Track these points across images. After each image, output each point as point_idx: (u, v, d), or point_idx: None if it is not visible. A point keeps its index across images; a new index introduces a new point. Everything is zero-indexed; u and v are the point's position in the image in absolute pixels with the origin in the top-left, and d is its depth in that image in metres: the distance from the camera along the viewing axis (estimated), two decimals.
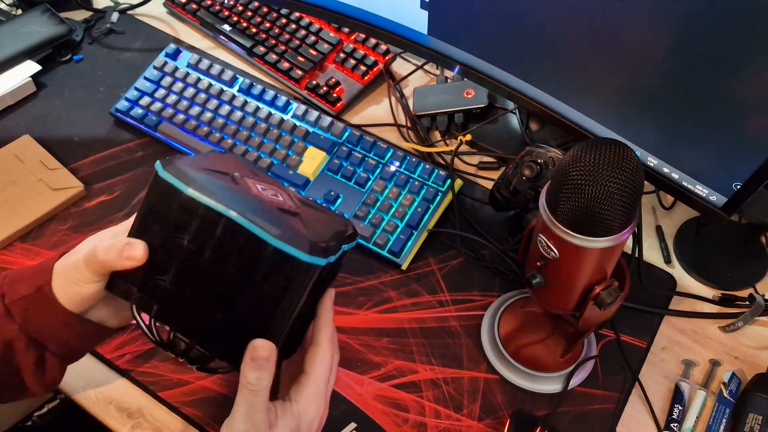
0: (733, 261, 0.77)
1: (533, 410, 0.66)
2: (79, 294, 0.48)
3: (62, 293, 0.48)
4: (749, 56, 0.51)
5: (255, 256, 0.43)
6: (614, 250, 0.51)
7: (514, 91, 0.72)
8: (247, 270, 0.44)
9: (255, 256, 0.43)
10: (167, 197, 0.45)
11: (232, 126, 0.86)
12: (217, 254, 0.44)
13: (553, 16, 0.62)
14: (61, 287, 0.48)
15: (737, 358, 0.70)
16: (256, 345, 0.44)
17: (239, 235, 0.43)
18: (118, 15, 1.00)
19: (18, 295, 0.49)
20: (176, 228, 0.45)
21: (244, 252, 0.44)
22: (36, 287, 0.48)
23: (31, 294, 0.48)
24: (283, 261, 0.43)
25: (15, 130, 0.88)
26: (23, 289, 0.49)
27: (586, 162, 0.46)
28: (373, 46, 0.94)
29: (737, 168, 0.59)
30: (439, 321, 0.72)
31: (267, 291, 0.44)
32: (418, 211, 0.77)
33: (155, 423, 0.66)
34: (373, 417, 0.66)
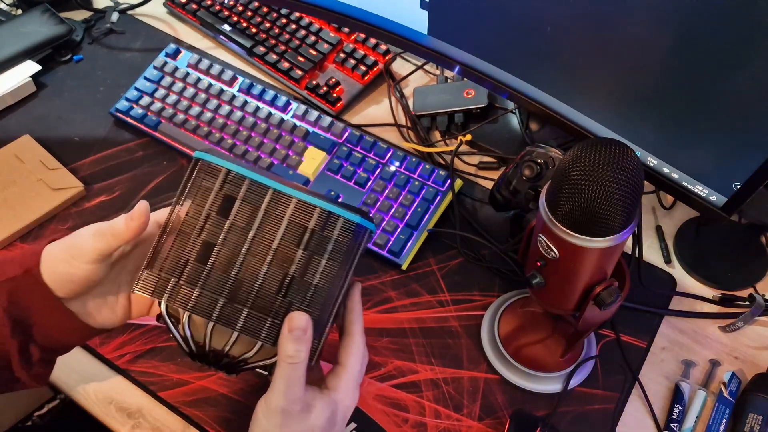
0: (733, 261, 0.77)
1: (533, 410, 0.66)
2: (69, 274, 0.47)
3: (50, 274, 0.48)
4: (749, 56, 0.51)
5: (303, 223, 0.45)
6: (614, 250, 0.51)
7: (514, 91, 0.72)
8: (297, 240, 0.45)
9: (303, 223, 0.45)
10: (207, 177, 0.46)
11: (232, 126, 0.86)
12: (265, 227, 0.45)
13: (553, 16, 0.62)
14: (49, 268, 0.48)
15: (737, 358, 0.70)
16: (293, 316, 0.44)
17: (289, 206, 0.45)
18: (118, 15, 1.00)
19: (4, 276, 0.48)
20: (220, 207, 0.45)
21: (294, 222, 0.45)
22: (24, 269, 0.48)
23: (18, 276, 0.48)
24: (335, 225, 0.45)
25: (15, 130, 0.88)
26: (10, 270, 0.48)
27: (586, 162, 0.46)
28: (373, 46, 0.94)
29: (737, 168, 0.59)
30: (439, 321, 0.72)
31: (317, 260, 0.45)
32: (418, 211, 0.77)
33: (155, 423, 0.66)
34: (373, 417, 0.66)
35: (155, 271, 0.46)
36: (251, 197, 0.46)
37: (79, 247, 0.47)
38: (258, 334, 0.45)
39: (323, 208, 0.45)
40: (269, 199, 0.45)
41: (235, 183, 0.46)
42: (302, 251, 0.45)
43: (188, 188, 0.47)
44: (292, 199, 0.45)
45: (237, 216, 0.46)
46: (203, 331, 0.47)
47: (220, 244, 0.46)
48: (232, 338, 0.46)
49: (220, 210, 0.46)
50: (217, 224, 0.46)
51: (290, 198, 0.45)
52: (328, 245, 0.45)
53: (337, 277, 0.46)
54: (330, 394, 0.47)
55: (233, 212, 0.46)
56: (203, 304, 0.46)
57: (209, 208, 0.46)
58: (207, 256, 0.46)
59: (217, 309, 0.45)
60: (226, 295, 0.45)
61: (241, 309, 0.45)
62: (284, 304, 0.45)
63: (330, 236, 0.45)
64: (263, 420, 0.45)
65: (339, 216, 0.45)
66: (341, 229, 0.45)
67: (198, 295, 0.46)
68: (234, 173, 0.46)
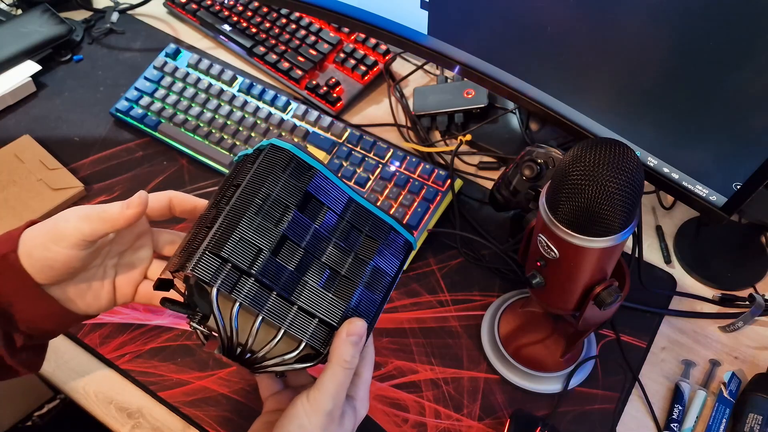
0: (733, 261, 0.77)
1: (533, 410, 0.66)
2: (48, 259, 0.46)
3: (27, 259, 0.46)
4: (749, 56, 0.51)
5: (378, 240, 0.47)
6: (614, 250, 0.51)
7: (514, 91, 0.72)
8: (369, 254, 0.47)
9: (378, 240, 0.47)
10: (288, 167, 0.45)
11: (232, 126, 0.86)
12: (333, 230, 0.46)
13: (553, 16, 0.62)
14: (27, 253, 0.46)
15: (737, 358, 0.70)
16: (354, 321, 0.44)
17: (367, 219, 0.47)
18: (118, 15, 1.00)
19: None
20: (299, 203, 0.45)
21: (369, 236, 0.47)
22: (1, 254, 0.46)
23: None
24: (393, 240, 0.48)
25: (15, 130, 0.88)
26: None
27: (586, 162, 0.46)
28: (373, 46, 0.94)
29: (737, 168, 0.59)
30: (439, 321, 0.72)
31: (370, 270, 0.46)
32: (418, 211, 0.77)
33: (155, 423, 0.66)
34: (373, 417, 0.66)
35: (218, 255, 0.42)
36: (328, 198, 0.46)
37: (60, 232, 0.45)
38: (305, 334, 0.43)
39: (394, 226, 0.48)
40: (352, 211, 0.47)
41: (320, 185, 0.46)
42: (372, 267, 0.47)
43: (264, 177, 0.44)
44: (371, 215, 0.47)
45: (311, 216, 0.45)
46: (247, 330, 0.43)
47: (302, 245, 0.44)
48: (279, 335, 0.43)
49: (300, 206, 0.45)
50: (301, 224, 0.45)
51: (369, 212, 0.47)
52: (391, 262, 0.48)
53: (388, 292, 0.48)
54: (353, 403, 0.47)
55: (307, 209, 0.45)
56: (256, 294, 0.42)
57: (288, 201, 0.44)
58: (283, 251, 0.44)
59: (269, 302, 0.43)
60: (281, 288, 0.43)
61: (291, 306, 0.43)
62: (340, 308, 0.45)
63: (395, 254, 0.48)
64: (304, 418, 0.44)
65: (400, 233, 0.48)
66: (402, 247, 0.49)
67: (252, 285, 0.42)
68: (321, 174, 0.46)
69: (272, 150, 0.45)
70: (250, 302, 0.42)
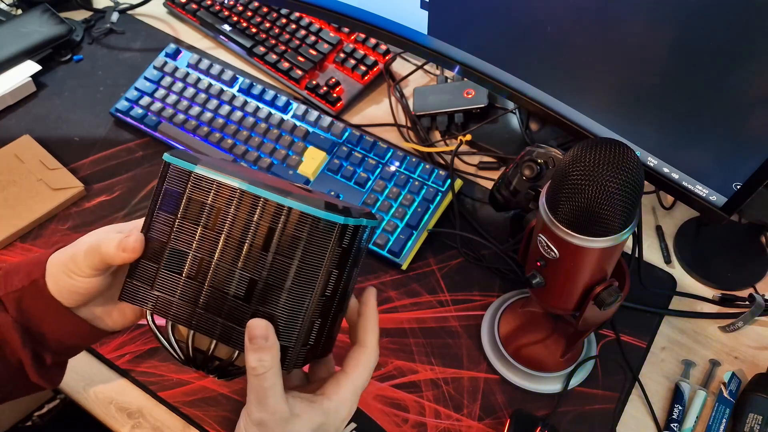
0: (733, 261, 0.77)
1: (533, 410, 0.66)
2: (71, 286, 0.47)
3: (54, 285, 0.48)
4: (749, 56, 0.51)
5: (273, 225, 0.42)
6: (614, 250, 0.51)
7: (514, 91, 0.72)
8: (266, 243, 0.43)
9: (273, 225, 0.42)
10: (176, 181, 0.44)
11: (232, 126, 0.86)
12: (234, 231, 0.43)
13: (553, 16, 0.62)
14: (52, 279, 0.48)
15: (737, 358, 0.70)
16: (251, 324, 0.41)
17: (255, 206, 0.43)
18: (118, 15, 1.00)
19: (12, 287, 0.49)
20: (187, 213, 0.44)
21: (261, 223, 0.43)
22: (31, 280, 0.48)
23: (26, 286, 0.48)
24: (302, 223, 0.42)
25: (15, 130, 0.88)
26: (17, 281, 0.49)
27: (586, 162, 0.46)
28: (373, 46, 0.94)
29: (737, 168, 0.59)
30: (439, 321, 0.72)
31: (288, 262, 0.42)
32: (418, 211, 0.77)
33: (155, 423, 0.66)
34: (373, 417, 0.66)
35: (137, 280, 0.45)
36: (219, 199, 0.43)
37: (75, 262, 0.46)
38: (234, 343, 0.43)
39: (291, 206, 0.42)
40: (237, 201, 0.43)
41: (202, 187, 0.44)
42: (272, 254, 0.43)
43: (158, 194, 0.45)
44: (260, 199, 0.43)
45: (207, 221, 0.43)
46: (187, 333, 0.45)
47: (192, 252, 0.44)
48: (213, 342, 0.45)
49: (188, 216, 0.44)
50: (189, 231, 0.44)
51: (258, 198, 0.43)
52: (297, 245, 0.42)
53: (310, 278, 0.43)
54: (322, 403, 0.44)
55: (203, 217, 0.43)
56: (182, 312, 0.44)
57: (179, 214, 0.44)
58: (180, 264, 0.44)
59: (195, 318, 0.44)
60: (203, 304, 0.43)
61: (216, 317, 0.43)
62: (250, 311, 0.43)
63: (299, 235, 0.42)
64: (242, 429, 0.44)
65: (308, 215, 0.42)
66: (308, 226, 0.42)
67: (176, 303, 0.44)
68: (199, 175, 0.44)
69: (163, 166, 0.45)
70: (179, 320, 0.44)
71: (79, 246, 0.47)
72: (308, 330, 0.44)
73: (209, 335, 0.44)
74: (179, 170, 0.44)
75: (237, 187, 0.43)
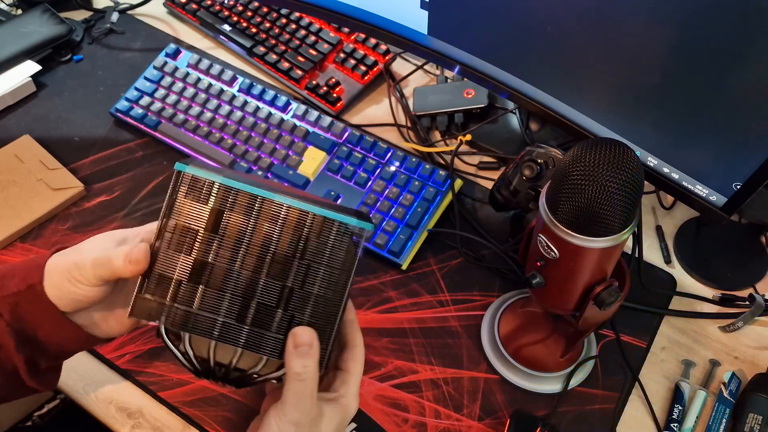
0: (733, 261, 0.77)
1: (533, 410, 0.66)
2: (73, 294, 0.47)
3: (55, 291, 0.47)
4: (749, 56, 0.51)
5: (299, 232, 0.44)
6: (614, 250, 0.51)
7: (514, 91, 0.72)
8: (292, 249, 0.44)
9: (299, 232, 0.44)
10: (192, 192, 0.44)
11: (232, 126, 0.86)
12: (258, 239, 0.44)
13: (553, 16, 0.62)
14: (53, 284, 0.47)
15: (737, 358, 0.70)
16: (297, 332, 0.44)
17: (281, 214, 0.44)
18: (118, 15, 1.00)
19: (8, 291, 0.48)
20: (207, 223, 0.44)
21: (288, 230, 0.44)
22: (27, 284, 0.47)
23: (22, 290, 0.48)
24: (330, 230, 0.44)
25: (15, 130, 0.88)
26: (13, 285, 0.48)
27: (586, 162, 0.46)
28: (373, 46, 0.94)
29: (737, 168, 0.59)
30: (439, 321, 0.72)
31: (317, 268, 0.44)
32: (418, 211, 0.77)
33: (155, 423, 0.66)
34: (373, 417, 0.66)
35: (149, 295, 0.45)
36: (240, 208, 0.44)
37: (80, 270, 0.46)
38: (262, 350, 0.44)
39: (316, 213, 0.44)
40: (258, 209, 0.44)
41: (222, 195, 0.44)
42: (298, 260, 0.44)
43: (174, 204, 0.45)
44: (283, 206, 0.44)
45: (227, 230, 0.44)
46: (206, 346, 0.45)
47: (212, 261, 0.44)
48: (237, 354, 0.45)
49: (208, 225, 0.44)
50: (207, 240, 0.44)
51: (281, 205, 0.44)
52: (325, 251, 0.44)
53: (338, 283, 0.45)
54: (339, 401, 0.47)
55: (222, 227, 0.44)
56: (202, 323, 0.44)
57: (197, 224, 0.44)
58: (200, 274, 0.44)
59: (217, 328, 0.44)
60: (225, 313, 0.44)
61: (241, 326, 0.44)
62: (286, 317, 0.44)
63: (326, 242, 0.44)
64: (275, 428, 0.44)
65: (334, 220, 0.44)
66: (337, 233, 0.44)
67: (196, 315, 0.44)
68: (219, 184, 0.44)
69: (175, 176, 0.45)
70: (198, 332, 0.44)
71: (84, 254, 0.47)
72: (337, 331, 0.46)
73: (233, 344, 0.44)
74: (194, 180, 0.44)
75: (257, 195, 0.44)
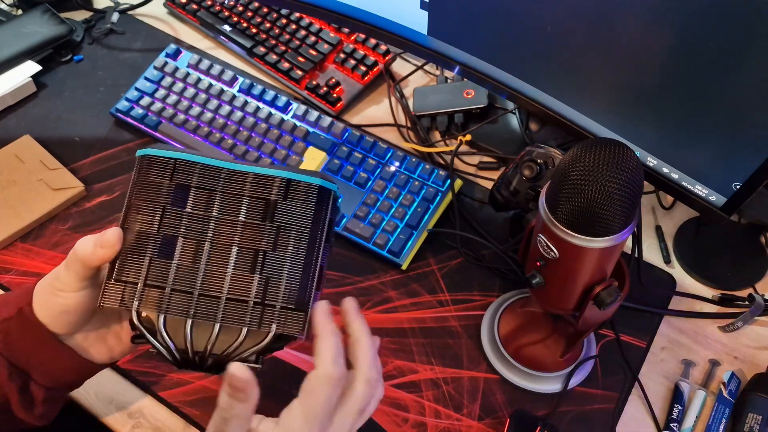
0: (733, 261, 0.77)
1: (533, 410, 0.66)
2: (60, 306, 0.46)
3: (43, 310, 0.46)
4: (749, 56, 0.51)
5: (267, 196, 0.44)
6: (614, 250, 0.51)
7: (514, 91, 0.72)
8: (261, 214, 0.44)
9: (267, 196, 0.44)
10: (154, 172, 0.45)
11: (233, 126, 0.86)
12: (226, 209, 0.44)
13: (553, 16, 0.62)
14: (41, 304, 0.46)
15: (737, 358, 0.70)
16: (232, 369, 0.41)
17: (246, 182, 0.44)
18: (119, 15, 1.00)
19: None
20: (173, 198, 0.44)
21: (255, 196, 0.44)
22: (17, 309, 0.46)
23: (12, 317, 0.47)
24: (299, 191, 0.44)
25: (15, 130, 0.88)
26: (4, 312, 0.47)
27: (585, 162, 0.46)
28: (373, 47, 0.94)
29: (737, 168, 0.59)
30: (439, 321, 0.72)
31: (288, 230, 0.44)
32: (418, 211, 0.77)
33: (155, 423, 0.66)
34: (373, 416, 0.66)
35: (119, 280, 0.44)
36: (204, 181, 0.44)
37: (60, 279, 0.45)
38: (242, 320, 0.43)
39: (281, 176, 0.44)
40: (224, 180, 0.44)
41: (186, 171, 0.45)
42: (269, 224, 0.44)
43: (137, 187, 0.45)
44: (248, 175, 0.44)
45: (194, 204, 0.44)
46: (182, 334, 0.44)
47: (182, 236, 0.44)
48: (215, 332, 0.44)
49: (174, 201, 0.44)
50: (176, 216, 0.44)
51: (246, 174, 0.44)
52: (294, 213, 0.44)
53: (311, 243, 0.44)
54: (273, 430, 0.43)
55: (189, 201, 0.44)
56: (177, 302, 0.43)
57: (163, 201, 0.44)
58: (171, 251, 0.44)
59: (193, 305, 0.43)
60: (201, 288, 0.43)
61: (218, 298, 0.43)
62: (262, 281, 0.44)
63: (294, 203, 0.44)
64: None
65: (300, 181, 0.44)
66: (304, 192, 0.44)
67: (169, 294, 0.43)
68: (181, 161, 0.45)
69: (138, 161, 0.46)
70: (174, 311, 0.43)
71: (61, 265, 0.46)
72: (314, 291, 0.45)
73: (211, 320, 0.43)
74: (156, 160, 0.45)
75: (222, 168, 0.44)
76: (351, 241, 0.76)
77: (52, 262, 0.76)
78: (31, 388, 0.48)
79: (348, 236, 0.76)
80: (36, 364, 0.48)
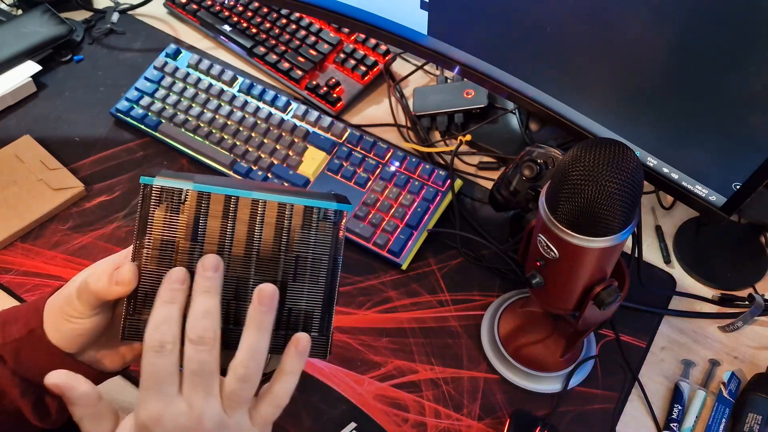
0: (732, 261, 0.77)
1: (533, 410, 0.66)
2: (72, 331, 0.46)
3: (54, 332, 0.46)
4: (749, 56, 0.51)
5: (281, 225, 0.44)
6: (614, 250, 0.51)
7: (514, 91, 0.72)
8: (278, 244, 0.43)
9: (281, 225, 0.44)
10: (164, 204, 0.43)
11: (233, 126, 0.86)
12: (240, 239, 0.43)
13: (553, 16, 0.62)
14: (52, 326, 0.46)
15: (737, 358, 0.70)
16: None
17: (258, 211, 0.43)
18: (119, 15, 1.00)
19: (10, 337, 0.47)
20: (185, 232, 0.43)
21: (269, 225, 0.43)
22: (29, 329, 0.46)
23: (23, 336, 0.46)
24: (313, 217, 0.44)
25: (15, 130, 0.88)
26: (15, 331, 0.47)
27: (585, 162, 0.46)
28: (373, 47, 0.94)
29: (737, 168, 0.59)
30: (439, 321, 0.72)
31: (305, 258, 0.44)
32: (418, 211, 0.77)
33: None
34: (373, 416, 0.66)
35: (138, 314, 0.44)
36: (216, 211, 0.43)
37: (72, 306, 0.45)
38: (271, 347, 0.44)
39: (295, 203, 0.44)
40: (235, 209, 0.43)
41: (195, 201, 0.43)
42: (285, 254, 0.44)
43: (147, 219, 0.43)
44: (259, 202, 0.43)
45: (207, 236, 0.43)
46: None
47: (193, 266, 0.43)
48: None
49: (187, 234, 0.43)
50: (189, 250, 0.43)
51: (257, 201, 0.43)
52: (310, 239, 0.44)
53: (330, 268, 0.45)
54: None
55: (201, 233, 0.43)
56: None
57: (175, 235, 0.43)
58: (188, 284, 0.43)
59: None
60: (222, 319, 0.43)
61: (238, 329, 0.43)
62: (285, 311, 0.44)
63: (309, 230, 0.44)
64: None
65: (314, 207, 0.44)
66: (319, 219, 0.44)
67: None
68: (189, 191, 0.43)
69: (143, 189, 0.43)
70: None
71: (71, 288, 0.46)
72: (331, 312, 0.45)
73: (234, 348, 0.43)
74: (165, 190, 0.43)
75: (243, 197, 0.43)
76: (351, 241, 0.76)
77: (52, 262, 0.76)
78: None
79: (348, 236, 0.76)
80: None
